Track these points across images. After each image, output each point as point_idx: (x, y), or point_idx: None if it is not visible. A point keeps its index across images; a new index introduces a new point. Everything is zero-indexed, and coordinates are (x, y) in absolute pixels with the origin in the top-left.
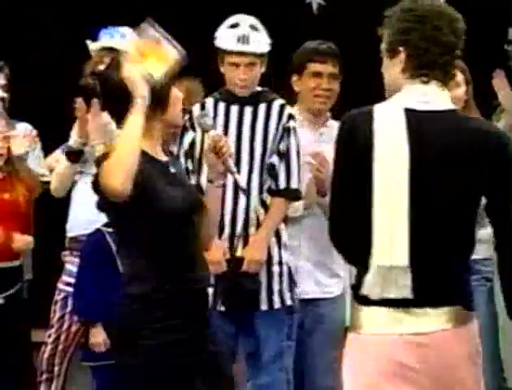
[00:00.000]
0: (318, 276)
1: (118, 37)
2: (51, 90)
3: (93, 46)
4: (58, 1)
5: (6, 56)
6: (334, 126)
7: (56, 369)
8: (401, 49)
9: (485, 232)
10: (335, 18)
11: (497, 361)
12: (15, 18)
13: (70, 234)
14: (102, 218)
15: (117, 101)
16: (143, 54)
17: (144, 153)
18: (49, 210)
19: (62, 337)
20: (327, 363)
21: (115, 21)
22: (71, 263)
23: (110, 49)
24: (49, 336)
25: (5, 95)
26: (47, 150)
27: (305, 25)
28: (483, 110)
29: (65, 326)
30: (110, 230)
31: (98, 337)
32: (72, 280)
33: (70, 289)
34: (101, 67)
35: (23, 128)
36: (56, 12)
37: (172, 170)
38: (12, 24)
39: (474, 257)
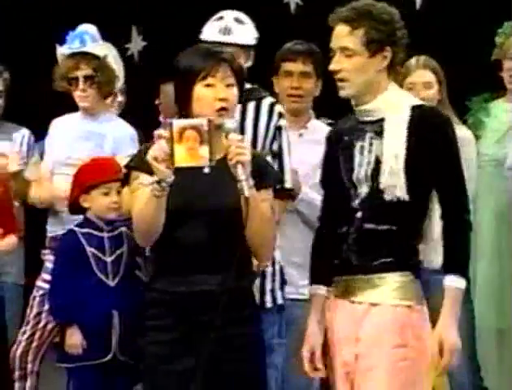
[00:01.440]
0: (292, 276)
1: (89, 40)
2: (50, 91)
3: (64, 51)
4: (59, 1)
5: (5, 56)
6: (316, 127)
7: (29, 366)
8: (387, 48)
9: None
10: (313, 18)
11: (475, 361)
12: (15, 18)
13: (50, 234)
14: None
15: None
16: (181, 137)
17: None
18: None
19: (38, 334)
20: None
21: (112, 21)
22: (50, 261)
23: (84, 54)
24: (24, 333)
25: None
26: None
27: (283, 25)
28: (459, 109)
29: (41, 323)
30: (83, 230)
31: (74, 339)
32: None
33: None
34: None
35: (21, 135)
36: (56, 12)
37: (206, 170)
38: (12, 24)
39: None
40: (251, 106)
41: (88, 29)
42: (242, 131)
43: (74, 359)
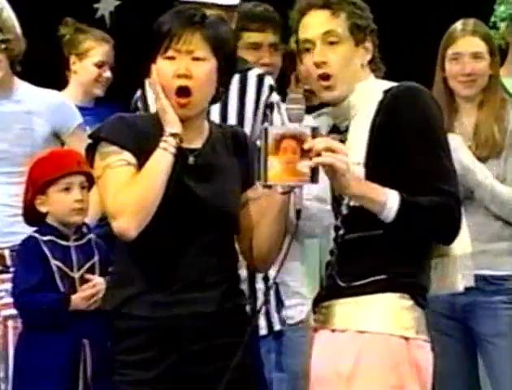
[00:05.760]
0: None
1: None
2: None
3: None
4: None
5: None
6: None
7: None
8: (368, 39)
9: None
10: None
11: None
12: None
13: None
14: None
15: None
16: (277, 148)
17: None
18: None
19: None
20: None
21: None
22: None
23: None
24: None
25: None
26: None
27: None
28: None
29: None
30: (45, 238)
31: None
32: None
33: None
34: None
35: None
36: None
37: (191, 161)
38: None
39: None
40: (235, 79)
41: None
42: (226, 109)
43: None
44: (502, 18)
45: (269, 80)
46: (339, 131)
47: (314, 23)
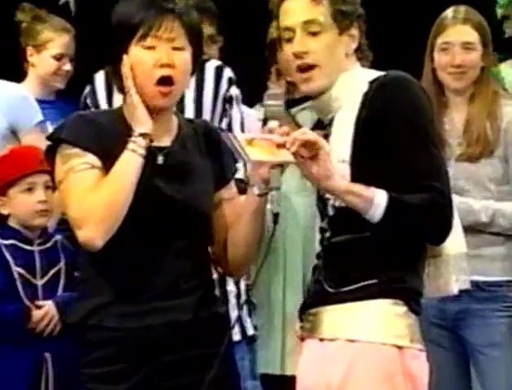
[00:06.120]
0: None
1: None
2: None
3: None
4: None
5: None
6: None
7: None
8: (355, 25)
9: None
10: None
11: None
12: None
13: None
14: None
15: None
16: (251, 144)
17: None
18: None
19: None
20: None
21: None
22: None
23: None
24: None
25: None
26: None
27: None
28: None
29: None
30: (7, 242)
31: None
32: None
33: None
34: None
35: None
36: None
37: (160, 160)
38: None
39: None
40: None
41: None
42: (182, 103)
43: None
44: (500, 5)
45: (228, 73)
46: (323, 125)
47: (295, 10)
